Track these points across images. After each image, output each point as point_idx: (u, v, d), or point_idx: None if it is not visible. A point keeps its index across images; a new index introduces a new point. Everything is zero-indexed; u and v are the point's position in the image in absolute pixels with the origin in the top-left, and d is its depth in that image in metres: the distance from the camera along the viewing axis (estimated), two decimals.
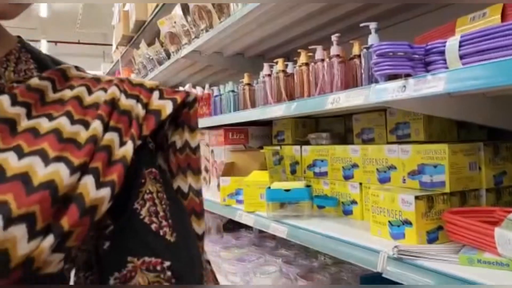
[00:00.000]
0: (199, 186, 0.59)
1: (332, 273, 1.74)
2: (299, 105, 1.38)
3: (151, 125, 0.53)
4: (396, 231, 1.11)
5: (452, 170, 1.11)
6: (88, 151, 0.47)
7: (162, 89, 0.57)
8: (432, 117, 1.30)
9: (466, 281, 0.83)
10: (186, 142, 0.57)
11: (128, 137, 0.50)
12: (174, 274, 0.47)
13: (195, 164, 0.58)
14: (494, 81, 0.76)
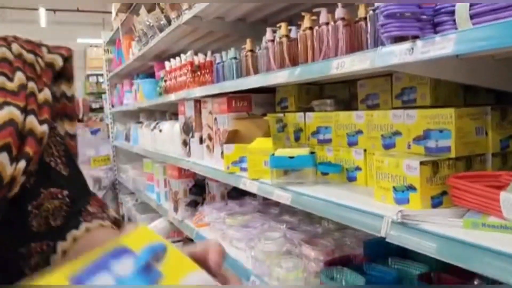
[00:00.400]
0: (74, 131, 0.71)
1: (335, 239, 1.75)
2: (302, 71, 1.35)
3: (49, 76, 0.64)
4: (400, 196, 1.11)
5: (459, 135, 1.10)
6: (24, 96, 0.58)
7: (47, 44, 0.68)
8: (438, 81, 1.28)
9: (470, 244, 0.83)
10: (63, 92, 0.68)
11: (42, 85, 0.62)
12: (70, 200, 0.61)
13: (71, 112, 0.69)
14: (505, 41, 0.74)
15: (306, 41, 1.49)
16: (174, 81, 2.86)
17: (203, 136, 2.45)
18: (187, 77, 2.57)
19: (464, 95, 1.34)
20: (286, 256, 1.68)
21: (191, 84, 2.53)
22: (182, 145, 2.72)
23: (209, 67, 2.43)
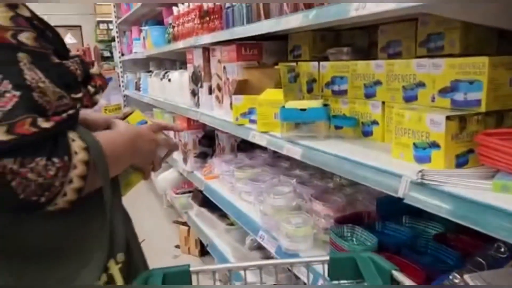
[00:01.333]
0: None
1: (347, 194, 1.69)
2: (318, 14, 1.22)
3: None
4: (422, 154, 1.02)
5: (491, 86, 0.98)
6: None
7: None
8: (470, 26, 1.14)
9: (500, 210, 0.75)
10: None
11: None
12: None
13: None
14: None
15: None
16: (182, 27, 2.72)
17: (212, 86, 2.35)
18: (195, 23, 2.43)
19: (498, 43, 1.20)
20: (295, 212, 1.63)
21: (200, 30, 2.39)
22: (191, 95, 2.63)
23: (218, 12, 2.28)
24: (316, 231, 1.52)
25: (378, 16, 1.05)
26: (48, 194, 0.59)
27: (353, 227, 1.41)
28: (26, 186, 0.57)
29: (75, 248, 0.67)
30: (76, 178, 0.62)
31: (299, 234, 1.50)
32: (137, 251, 0.80)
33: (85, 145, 0.64)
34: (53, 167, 0.59)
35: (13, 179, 0.56)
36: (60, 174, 0.59)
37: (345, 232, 1.41)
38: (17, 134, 0.55)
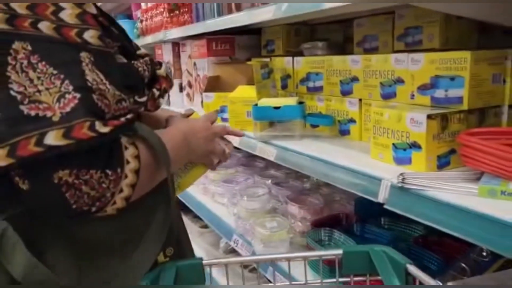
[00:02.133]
0: None
1: (324, 195, 1.63)
2: (291, 5, 1.14)
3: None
4: (402, 155, 0.96)
5: (473, 83, 0.93)
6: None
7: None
8: (449, 19, 1.09)
9: (487, 217, 0.69)
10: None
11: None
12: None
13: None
14: None
15: None
16: (150, 21, 2.60)
17: (182, 83, 2.25)
18: (164, 16, 2.32)
19: (478, 38, 1.15)
20: (270, 215, 1.56)
21: (169, 24, 2.29)
22: None
23: (188, 5, 2.18)
24: (293, 235, 1.45)
25: (352, 8, 0.98)
26: (99, 204, 0.59)
27: (331, 230, 1.35)
28: (79, 197, 0.56)
29: (129, 242, 0.68)
30: (126, 187, 0.61)
31: (275, 239, 1.43)
32: (187, 245, 0.82)
33: (136, 152, 0.63)
34: (107, 180, 0.58)
35: (68, 190, 0.55)
36: (111, 186, 0.59)
37: (322, 236, 1.35)
38: (74, 139, 0.53)
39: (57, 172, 0.53)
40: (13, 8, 0.54)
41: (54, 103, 0.53)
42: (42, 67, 0.53)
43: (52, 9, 0.56)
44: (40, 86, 0.53)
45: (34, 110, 0.52)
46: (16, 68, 0.52)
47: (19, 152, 0.51)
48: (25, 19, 0.54)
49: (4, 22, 0.53)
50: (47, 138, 0.52)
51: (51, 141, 0.52)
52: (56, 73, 0.54)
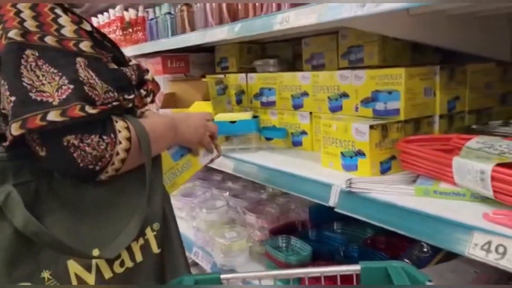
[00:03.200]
0: None
1: (280, 204, 1.70)
2: (243, 27, 1.22)
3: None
4: (349, 163, 1.05)
5: (408, 96, 1.04)
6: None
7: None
8: (386, 40, 1.21)
9: (422, 214, 0.78)
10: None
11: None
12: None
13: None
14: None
15: None
16: None
17: None
18: (117, 34, 2.34)
19: (412, 55, 1.28)
20: (229, 226, 1.61)
21: (122, 42, 2.31)
22: None
23: (141, 24, 2.22)
24: (252, 244, 1.51)
25: (299, 29, 1.08)
26: (101, 164, 0.76)
27: (288, 237, 1.42)
28: (84, 156, 0.73)
29: (118, 211, 0.82)
30: (121, 151, 0.78)
31: (234, 249, 1.48)
32: (174, 228, 0.91)
33: (126, 125, 0.80)
34: (104, 143, 0.75)
35: (75, 151, 0.73)
36: (109, 148, 0.76)
37: (280, 243, 1.41)
38: (68, 117, 0.70)
39: (66, 137, 0.72)
40: (26, 26, 0.73)
41: (54, 92, 0.72)
42: (46, 68, 0.72)
43: (55, 27, 0.76)
44: (44, 80, 0.71)
45: (39, 96, 0.71)
46: (27, 67, 0.71)
47: (28, 125, 0.69)
48: (35, 34, 0.73)
49: (19, 36, 0.72)
50: (49, 116, 0.70)
51: (52, 117, 0.70)
52: (56, 72, 0.73)
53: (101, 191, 0.81)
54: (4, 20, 0.74)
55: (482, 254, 0.67)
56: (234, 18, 1.42)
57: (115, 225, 0.81)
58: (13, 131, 0.70)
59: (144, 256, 0.83)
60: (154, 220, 0.85)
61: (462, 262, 1.08)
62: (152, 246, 0.84)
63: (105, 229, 0.80)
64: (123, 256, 0.81)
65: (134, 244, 0.82)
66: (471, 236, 0.70)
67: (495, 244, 0.66)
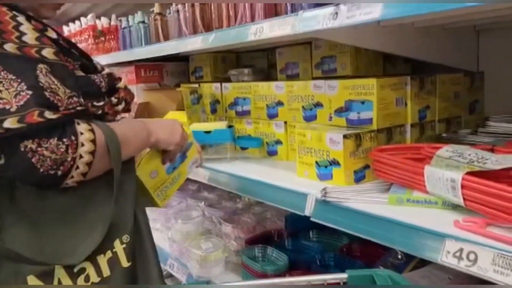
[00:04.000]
0: None
1: (256, 214, 1.70)
2: (218, 37, 1.22)
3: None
4: (324, 172, 1.06)
5: (380, 106, 1.06)
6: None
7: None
8: (358, 51, 1.23)
9: (396, 222, 0.80)
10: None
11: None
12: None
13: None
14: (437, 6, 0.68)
15: (221, 5, 1.35)
16: None
17: None
18: (89, 43, 2.30)
19: (383, 66, 1.31)
20: (205, 236, 1.59)
21: (94, 51, 2.27)
22: None
23: (114, 33, 2.19)
24: (228, 254, 1.50)
25: (274, 40, 1.08)
26: (63, 168, 0.73)
27: (264, 247, 1.41)
28: (43, 161, 0.71)
29: (84, 220, 0.79)
30: (85, 153, 0.75)
31: (210, 259, 1.47)
32: (148, 239, 0.88)
33: (90, 127, 0.77)
34: (63, 145, 0.73)
35: (33, 156, 0.71)
36: (70, 151, 0.73)
37: (256, 253, 1.41)
38: (26, 123, 0.69)
39: (23, 142, 0.70)
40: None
41: (12, 99, 0.70)
42: (4, 75, 0.71)
43: (16, 35, 0.74)
44: (1, 87, 0.71)
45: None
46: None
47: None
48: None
49: None
50: (5, 123, 0.69)
51: (8, 125, 0.69)
52: (15, 78, 0.72)
53: (67, 200, 0.79)
54: None
55: (455, 262, 0.68)
56: (208, 28, 1.42)
57: (80, 235, 0.78)
58: None
59: (112, 270, 0.80)
60: (124, 232, 0.82)
61: (436, 268, 1.10)
62: (121, 260, 0.81)
63: (69, 240, 0.78)
64: (88, 270, 0.78)
65: (101, 258, 0.79)
66: (443, 244, 0.71)
67: (466, 251, 0.67)
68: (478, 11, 0.98)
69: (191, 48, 1.37)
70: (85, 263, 0.77)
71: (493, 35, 1.28)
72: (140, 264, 0.85)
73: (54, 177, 0.73)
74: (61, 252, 0.76)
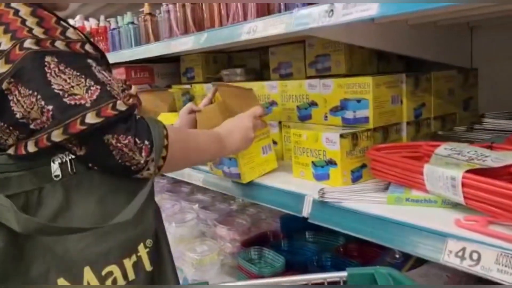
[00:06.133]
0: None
1: (251, 215, 1.68)
2: (210, 37, 1.20)
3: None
4: (320, 172, 1.05)
5: (376, 104, 1.05)
6: None
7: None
8: (352, 49, 1.22)
9: (395, 222, 0.78)
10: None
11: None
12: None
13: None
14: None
15: (212, 4, 1.33)
16: None
17: None
18: None
19: (377, 64, 1.30)
20: (200, 239, 1.57)
21: None
22: None
23: (103, 34, 2.15)
24: (223, 257, 1.48)
25: (268, 39, 1.07)
26: (135, 168, 0.76)
27: (260, 249, 1.40)
28: (122, 155, 0.75)
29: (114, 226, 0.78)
30: (160, 159, 0.79)
31: (206, 263, 1.45)
32: (165, 245, 0.89)
33: (165, 133, 0.80)
34: (137, 148, 0.75)
35: (114, 149, 0.74)
36: (144, 154, 0.76)
37: (252, 255, 1.39)
38: (103, 117, 0.71)
39: (105, 136, 0.73)
40: (35, 34, 0.72)
41: (84, 94, 0.72)
42: (69, 71, 0.72)
43: (60, 30, 0.74)
44: (72, 83, 0.72)
45: (73, 100, 0.71)
46: (52, 74, 0.71)
47: (71, 130, 0.71)
48: (46, 41, 0.72)
49: (34, 44, 0.71)
50: (87, 118, 0.71)
51: (89, 120, 0.71)
52: (79, 74, 0.73)
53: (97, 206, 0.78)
54: (11, 29, 0.72)
55: (457, 261, 0.67)
56: (200, 28, 1.40)
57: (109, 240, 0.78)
58: (55, 138, 0.71)
59: (136, 274, 0.80)
60: (147, 236, 0.82)
61: (433, 267, 1.09)
62: (145, 264, 0.81)
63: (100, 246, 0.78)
64: (115, 273, 0.78)
65: (126, 261, 0.79)
66: (445, 243, 0.70)
67: (469, 251, 0.66)
68: (471, 7, 0.97)
69: (182, 48, 1.35)
70: (112, 266, 0.77)
71: (486, 32, 1.28)
72: (158, 270, 0.84)
73: (128, 169, 0.76)
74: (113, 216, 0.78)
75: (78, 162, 0.76)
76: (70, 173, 0.75)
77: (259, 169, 1.14)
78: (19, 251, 0.72)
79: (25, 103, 0.71)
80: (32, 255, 0.73)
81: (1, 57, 0.70)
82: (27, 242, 0.72)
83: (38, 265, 0.72)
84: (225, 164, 1.15)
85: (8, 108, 0.71)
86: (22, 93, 0.70)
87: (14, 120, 0.71)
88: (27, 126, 0.72)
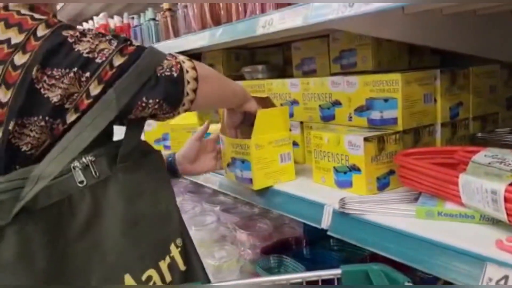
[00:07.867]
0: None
1: (273, 219, 1.61)
2: (225, 31, 1.13)
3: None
4: (342, 178, 0.95)
5: (406, 103, 0.95)
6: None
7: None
8: (381, 43, 1.11)
9: (425, 240, 0.69)
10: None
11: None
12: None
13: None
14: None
15: None
16: None
17: None
18: None
19: (409, 59, 1.19)
20: (219, 244, 1.51)
21: None
22: None
23: (127, 31, 2.12)
24: (243, 263, 1.41)
25: (286, 33, 0.98)
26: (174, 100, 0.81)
27: (280, 257, 1.31)
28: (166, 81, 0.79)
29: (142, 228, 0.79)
30: (191, 79, 0.82)
31: (224, 269, 1.38)
32: (190, 243, 0.88)
33: (193, 65, 0.84)
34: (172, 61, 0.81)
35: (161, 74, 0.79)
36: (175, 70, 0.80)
37: (272, 263, 1.31)
38: (127, 54, 0.76)
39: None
40: (40, 18, 0.75)
41: (108, 45, 0.76)
42: (88, 34, 0.75)
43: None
44: (95, 42, 0.75)
45: (103, 56, 0.74)
46: (76, 43, 0.73)
47: (104, 77, 0.74)
48: (52, 19, 0.75)
49: (45, 27, 0.73)
50: (114, 61, 0.75)
51: (117, 62, 0.75)
52: (96, 33, 0.77)
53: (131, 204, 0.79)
54: (14, 23, 0.74)
55: None
56: (217, 23, 1.33)
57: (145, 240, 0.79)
58: (93, 91, 0.73)
59: (173, 275, 0.80)
60: (176, 236, 0.83)
61: None
62: (179, 263, 0.82)
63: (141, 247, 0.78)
64: (154, 278, 0.78)
65: (162, 264, 0.79)
66: (483, 269, 0.60)
67: None
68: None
69: (198, 44, 1.29)
70: (150, 271, 0.77)
71: None
72: (188, 268, 0.84)
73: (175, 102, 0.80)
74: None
75: (99, 165, 0.75)
76: (94, 177, 0.74)
77: (273, 177, 1.05)
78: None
79: (63, 82, 0.71)
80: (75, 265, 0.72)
81: (17, 49, 0.71)
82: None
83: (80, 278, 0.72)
84: (238, 167, 1.07)
85: (40, 97, 0.71)
86: (56, 75, 0.71)
87: (50, 107, 0.72)
88: (63, 108, 0.73)
